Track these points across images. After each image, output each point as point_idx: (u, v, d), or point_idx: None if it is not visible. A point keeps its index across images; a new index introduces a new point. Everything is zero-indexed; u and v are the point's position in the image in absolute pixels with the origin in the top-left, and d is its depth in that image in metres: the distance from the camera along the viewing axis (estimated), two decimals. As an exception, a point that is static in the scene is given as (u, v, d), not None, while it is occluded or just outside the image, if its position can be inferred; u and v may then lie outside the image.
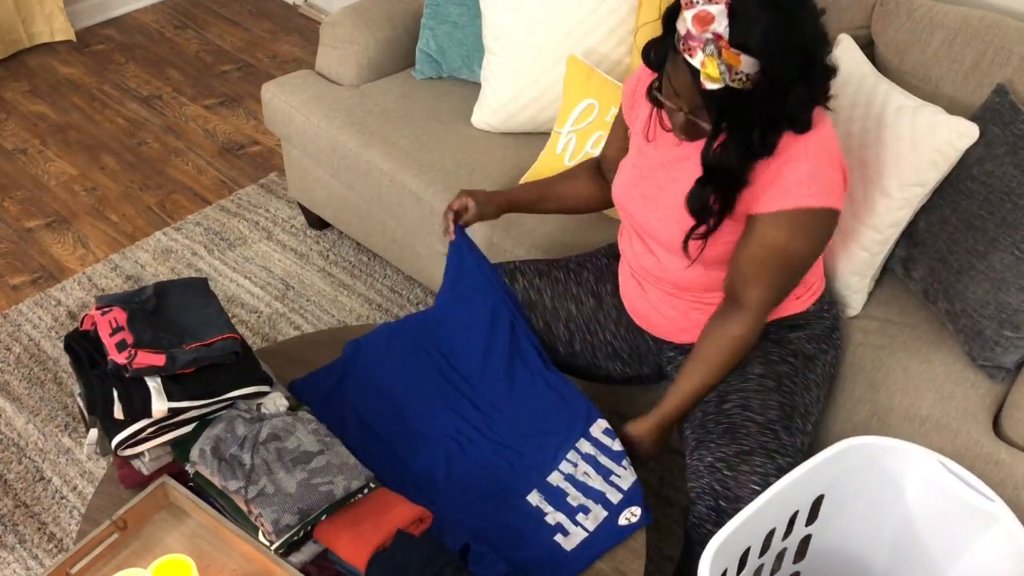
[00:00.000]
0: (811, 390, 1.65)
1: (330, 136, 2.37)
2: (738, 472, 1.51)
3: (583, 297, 1.82)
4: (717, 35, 1.33)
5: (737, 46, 1.33)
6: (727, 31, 1.33)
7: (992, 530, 1.40)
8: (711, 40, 1.33)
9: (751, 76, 1.35)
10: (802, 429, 1.61)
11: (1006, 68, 1.80)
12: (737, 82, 1.36)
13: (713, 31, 1.33)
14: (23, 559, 1.98)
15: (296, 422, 1.51)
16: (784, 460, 1.53)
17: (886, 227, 1.78)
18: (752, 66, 1.35)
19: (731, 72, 1.35)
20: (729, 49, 1.34)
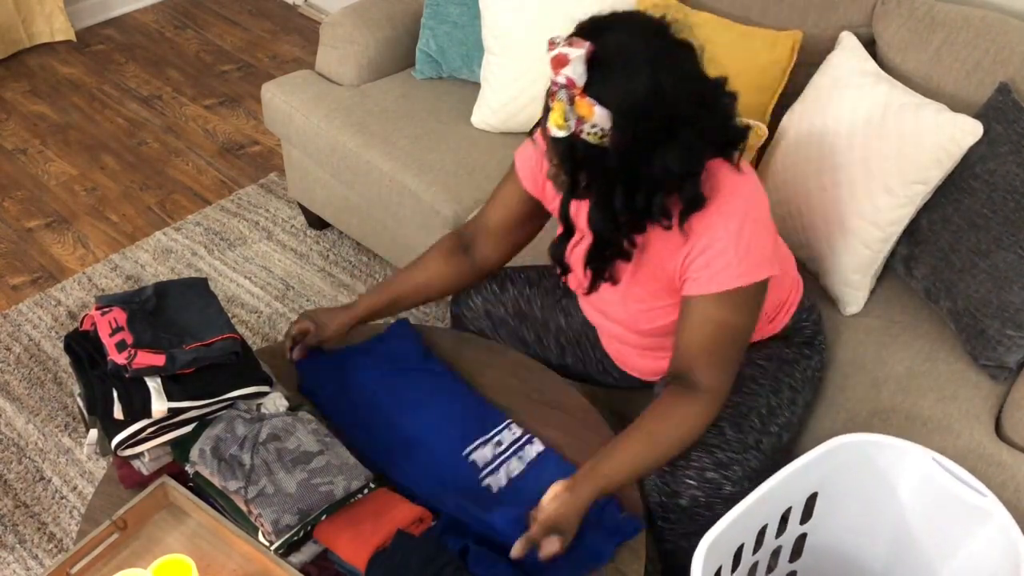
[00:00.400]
0: (782, 392, 1.63)
1: (330, 136, 2.36)
2: (674, 466, 1.50)
3: (572, 310, 1.80)
4: (571, 81, 1.25)
5: (592, 96, 1.25)
6: (582, 78, 1.25)
7: (986, 526, 1.40)
8: (565, 86, 1.26)
9: (606, 131, 1.27)
10: (758, 428, 1.57)
11: (1007, 67, 1.80)
12: (592, 136, 1.27)
13: (567, 75, 1.25)
14: (23, 559, 1.98)
15: (296, 422, 1.50)
16: (725, 455, 1.51)
17: (888, 225, 1.78)
18: (607, 120, 1.26)
19: (582, 124, 1.26)
20: (583, 98, 1.25)
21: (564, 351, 1.82)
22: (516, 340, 1.83)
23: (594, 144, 1.28)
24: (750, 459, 1.54)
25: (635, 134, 1.28)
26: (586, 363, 1.82)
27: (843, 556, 1.62)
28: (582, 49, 1.25)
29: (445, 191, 2.19)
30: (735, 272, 1.41)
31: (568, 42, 1.27)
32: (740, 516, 1.35)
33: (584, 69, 1.25)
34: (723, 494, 1.49)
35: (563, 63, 1.26)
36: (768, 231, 1.46)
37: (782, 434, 1.63)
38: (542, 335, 1.82)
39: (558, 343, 1.82)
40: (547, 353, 1.82)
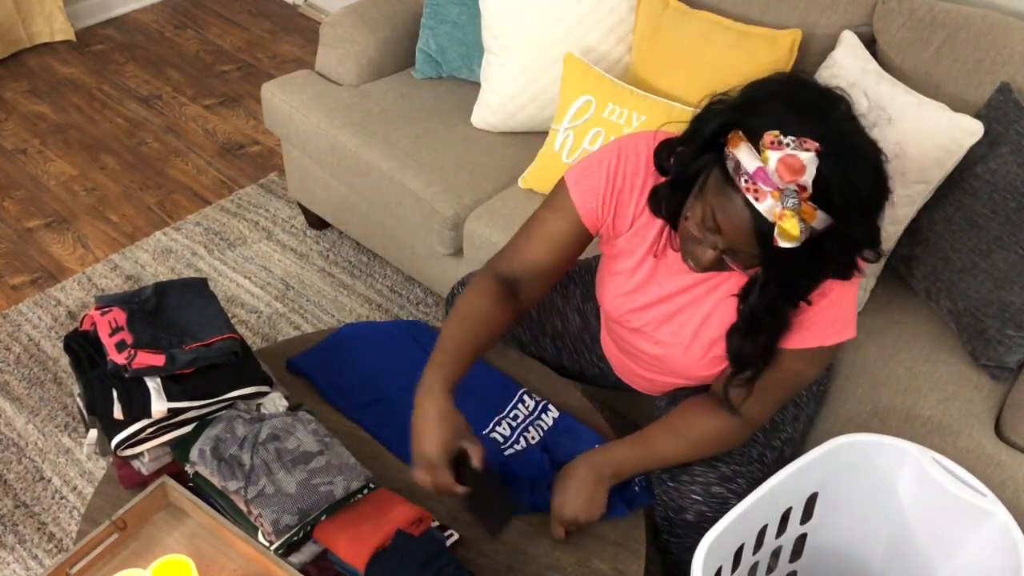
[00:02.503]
0: (786, 408, 1.63)
1: (330, 136, 2.36)
2: (679, 483, 1.50)
3: (569, 314, 1.79)
4: (802, 187, 1.13)
5: (817, 201, 1.14)
6: (811, 183, 1.13)
7: (986, 525, 1.40)
8: (794, 191, 1.13)
9: (817, 231, 1.18)
10: (762, 441, 1.57)
11: (1008, 67, 1.80)
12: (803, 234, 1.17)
13: (800, 183, 1.12)
14: (23, 559, 1.98)
15: (296, 422, 1.50)
16: (730, 469, 1.50)
17: (888, 224, 1.78)
18: (824, 222, 1.17)
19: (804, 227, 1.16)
20: (807, 203, 1.14)
21: (560, 353, 1.82)
22: (512, 340, 1.83)
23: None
24: (754, 471, 1.54)
25: (850, 231, 1.20)
26: (583, 366, 1.82)
27: (844, 556, 1.62)
28: (812, 151, 1.13)
29: (445, 191, 2.19)
30: (828, 331, 1.37)
31: (799, 142, 1.13)
32: (740, 516, 1.35)
33: (816, 172, 1.13)
34: (728, 508, 1.47)
35: (798, 170, 1.12)
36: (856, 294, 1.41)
37: (784, 448, 1.63)
38: (538, 337, 1.81)
39: (554, 345, 1.81)
40: (543, 354, 1.82)
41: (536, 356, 1.82)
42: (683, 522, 1.51)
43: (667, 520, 1.53)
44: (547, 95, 2.26)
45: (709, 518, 1.48)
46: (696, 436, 1.47)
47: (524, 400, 1.67)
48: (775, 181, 1.13)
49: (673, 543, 1.56)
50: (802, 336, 1.38)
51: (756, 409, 1.45)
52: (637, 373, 1.68)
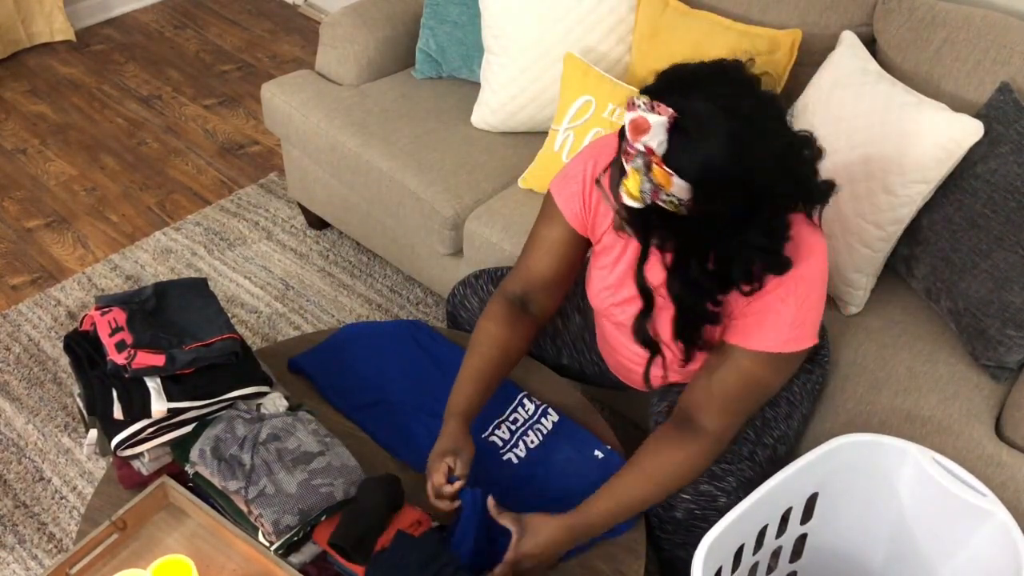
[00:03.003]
0: (779, 406, 1.62)
1: (330, 136, 2.36)
2: None
3: (569, 312, 1.79)
4: (649, 149, 1.16)
5: (671, 166, 1.16)
6: (663, 147, 1.16)
7: (986, 525, 1.40)
8: (643, 153, 1.17)
9: (684, 201, 1.18)
10: (752, 439, 1.56)
11: (1008, 67, 1.80)
12: (668, 204, 1.19)
13: (646, 143, 1.16)
14: (23, 559, 1.98)
15: (296, 422, 1.50)
16: (719, 467, 1.49)
17: (889, 224, 1.78)
18: (686, 192, 1.17)
19: (658, 192, 1.18)
20: (662, 167, 1.16)
21: (560, 353, 1.82)
22: None
23: (671, 212, 1.20)
24: (744, 469, 1.52)
25: (714, 207, 1.20)
26: (583, 364, 1.82)
27: (844, 556, 1.62)
28: (664, 116, 1.16)
29: (445, 191, 2.19)
30: (785, 337, 1.37)
31: (650, 105, 1.17)
32: (740, 516, 1.35)
33: (665, 137, 1.17)
34: (718, 505, 1.48)
35: (643, 130, 1.16)
36: (823, 301, 1.39)
37: (777, 447, 1.62)
38: (539, 337, 1.81)
39: (554, 344, 1.81)
40: (543, 353, 1.82)
41: (536, 356, 1.82)
42: (672, 520, 1.50)
43: (657, 517, 1.52)
44: (547, 95, 2.26)
45: (698, 516, 1.48)
46: (668, 473, 1.43)
47: (524, 404, 1.67)
48: (630, 142, 1.18)
49: (664, 540, 1.56)
50: (752, 336, 1.37)
51: (720, 422, 1.43)
52: (629, 368, 1.69)
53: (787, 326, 1.36)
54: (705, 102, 1.18)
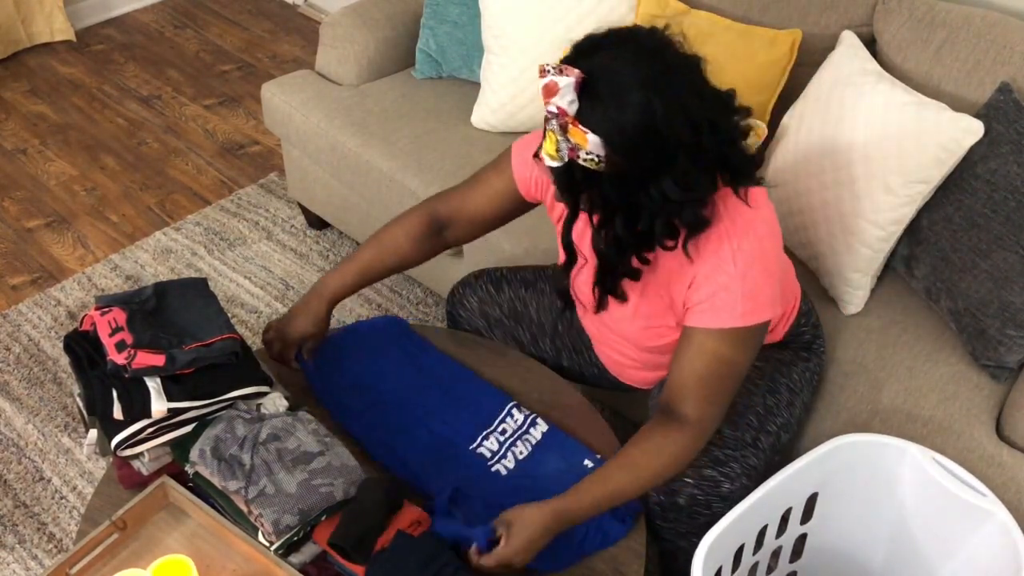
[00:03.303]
0: (779, 393, 1.63)
1: (330, 136, 2.36)
2: None
3: (569, 314, 1.79)
4: (562, 110, 1.23)
5: (585, 125, 1.23)
6: (573, 107, 1.23)
7: (987, 525, 1.40)
8: (556, 114, 1.23)
9: (602, 158, 1.24)
10: (755, 426, 1.57)
11: (1009, 67, 1.80)
12: (588, 162, 1.25)
13: (557, 105, 1.23)
14: (23, 559, 1.98)
15: (296, 422, 1.50)
16: (722, 452, 1.50)
17: (889, 224, 1.78)
18: (600, 148, 1.24)
19: (576, 151, 1.24)
20: (576, 126, 1.23)
21: (560, 354, 1.82)
22: (511, 341, 1.83)
23: (591, 169, 1.27)
24: (748, 456, 1.53)
25: (629, 162, 1.26)
26: (582, 366, 1.82)
27: (844, 556, 1.62)
28: (571, 77, 1.22)
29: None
30: (738, 312, 1.39)
31: (559, 69, 1.23)
32: (740, 516, 1.35)
33: (574, 97, 1.23)
34: (721, 492, 1.49)
35: (553, 92, 1.23)
36: (775, 274, 1.43)
37: (780, 434, 1.63)
38: (538, 337, 1.81)
39: (554, 345, 1.81)
40: (543, 354, 1.82)
41: (536, 356, 1.82)
42: (675, 506, 1.50)
43: (659, 505, 1.52)
44: (547, 95, 2.26)
45: (701, 502, 1.48)
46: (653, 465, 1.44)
47: (513, 413, 1.65)
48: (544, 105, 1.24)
49: (665, 528, 1.55)
50: (705, 315, 1.41)
51: (700, 409, 1.44)
52: (623, 364, 1.69)
53: (739, 300, 1.39)
54: (612, 61, 1.25)
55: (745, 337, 1.42)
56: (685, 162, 1.28)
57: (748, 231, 1.39)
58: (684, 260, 1.40)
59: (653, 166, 1.27)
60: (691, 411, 1.44)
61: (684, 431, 1.44)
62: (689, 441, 1.45)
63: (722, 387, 1.45)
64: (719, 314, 1.40)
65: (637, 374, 1.70)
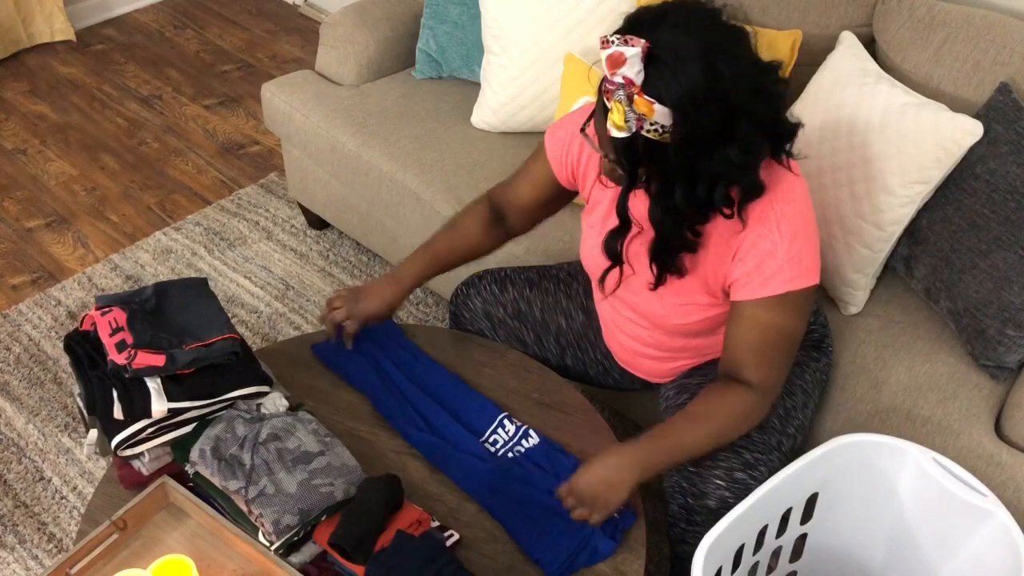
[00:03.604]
0: (795, 395, 1.63)
1: (330, 136, 2.36)
2: (702, 468, 1.50)
3: (573, 312, 1.80)
4: (628, 80, 1.23)
5: (651, 95, 1.23)
6: (640, 77, 1.23)
7: (987, 525, 1.40)
8: (623, 85, 1.24)
9: (667, 128, 1.25)
10: (779, 429, 1.58)
11: (1008, 67, 1.80)
12: (652, 133, 1.25)
13: (624, 75, 1.23)
14: (23, 559, 1.98)
15: (296, 422, 1.50)
16: (752, 456, 1.51)
17: (888, 224, 1.78)
18: (667, 117, 1.24)
19: (642, 122, 1.25)
20: (642, 96, 1.23)
21: (564, 352, 1.82)
22: (515, 341, 1.83)
23: (655, 140, 1.26)
24: (773, 460, 1.54)
25: (695, 129, 1.26)
26: (586, 364, 1.82)
27: (844, 556, 1.62)
28: (638, 47, 1.22)
29: (445, 191, 2.19)
30: (786, 276, 1.40)
31: (623, 40, 1.23)
32: (740, 516, 1.35)
33: (641, 67, 1.23)
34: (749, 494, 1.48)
35: (619, 63, 1.23)
36: (815, 239, 1.44)
37: (796, 436, 1.64)
38: (542, 336, 1.81)
39: (558, 344, 1.81)
40: (546, 354, 1.82)
41: (540, 356, 1.82)
42: (704, 508, 1.50)
43: (685, 508, 1.52)
44: (547, 95, 2.26)
45: (731, 504, 1.48)
46: (719, 417, 1.47)
47: (504, 425, 1.64)
48: (609, 77, 1.24)
49: (689, 532, 1.55)
50: (753, 286, 1.42)
51: (761, 373, 1.46)
52: (638, 352, 1.69)
53: (786, 265, 1.40)
54: (673, 30, 1.25)
55: (796, 302, 1.43)
56: (746, 127, 1.29)
57: (790, 197, 1.40)
58: (729, 233, 1.41)
59: (717, 132, 1.28)
60: (752, 376, 1.46)
61: (750, 391, 1.47)
62: (754, 399, 1.47)
63: (778, 354, 1.47)
64: (768, 282, 1.41)
65: (650, 364, 1.70)
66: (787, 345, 1.48)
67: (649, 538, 1.55)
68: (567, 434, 1.64)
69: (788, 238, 1.39)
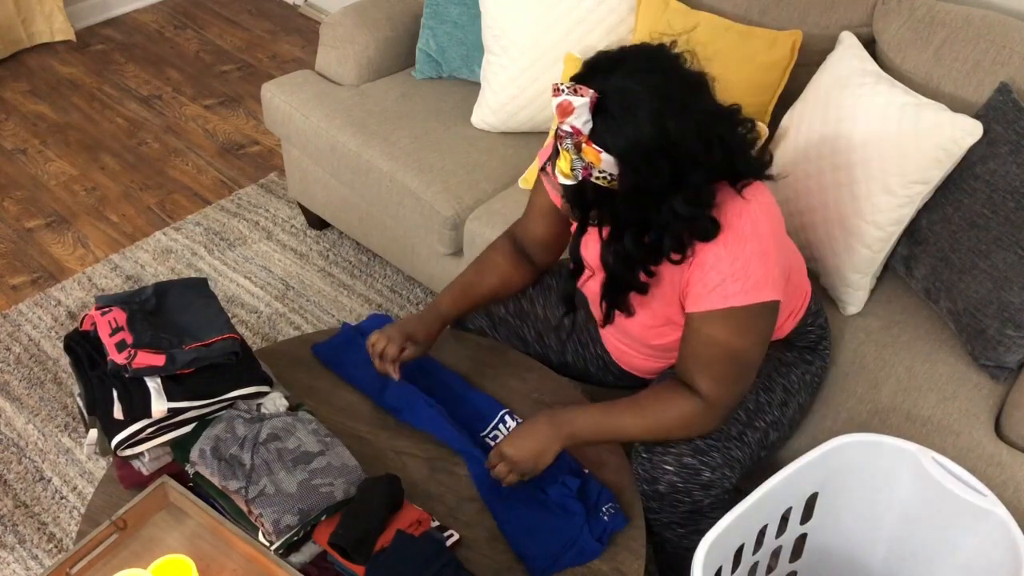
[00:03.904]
0: (774, 391, 1.63)
1: (330, 136, 2.36)
2: (652, 453, 1.52)
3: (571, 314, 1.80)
4: (576, 129, 1.25)
5: (599, 144, 1.25)
6: (588, 127, 1.25)
7: (986, 525, 1.40)
8: (570, 134, 1.26)
9: (615, 176, 1.27)
10: (744, 420, 1.58)
11: (1008, 67, 1.80)
12: (601, 180, 1.28)
13: (571, 124, 1.25)
14: (23, 559, 1.98)
15: (296, 422, 1.51)
16: (704, 442, 1.51)
17: (888, 225, 1.78)
18: (614, 166, 1.26)
19: (589, 170, 1.27)
20: (590, 145, 1.25)
21: (565, 348, 1.82)
22: (516, 339, 1.83)
23: (603, 187, 1.29)
24: (731, 448, 1.54)
25: (642, 179, 1.28)
26: (586, 359, 1.82)
27: (844, 556, 1.62)
28: (586, 97, 1.24)
29: (445, 191, 2.19)
30: (729, 291, 1.39)
31: (572, 89, 1.25)
32: (740, 516, 1.35)
33: (589, 117, 1.25)
34: (701, 480, 1.50)
35: (568, 112, 1.25)
36: (770, 254, 1.41)
37: (769, 431, 1.63)
38: (543, 333, 1.81)
39: (559, 339, 1.81)
40: (547, 351, 1.82)
41: (540, 354, 1.82)
42: (656, 493, 1.52)
43: (644, 495, 1.54)
44: (547, 95, 2.26)
45: (681, 489, 1.50)
46: (661, 414, 1.48)
47: (506, 420, 1.65)
48: (559, 123, 1.26)
49: (652, 520, 1.57)
50: (698, 297, 1.42)
51: (707, 386, 1.45)
52: (627, 353, 1.70)
53: (729, 279, 1.39)
54: (625, 80, 1.26)
55: (742, 318, 1.41)
56: (696, 178, 1.30)
57: (740, 216, 1.39)
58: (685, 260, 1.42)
59: (665, 184, 1.29)
60: (702, 387, 1.46)
61: (696, 400, 1.47)
62: (699, 410, 1.47)
63: (728, 370, 1.46)
64: (711, 295, 1.40)
65: (644, 363, 1.71)
66: (737, 362, 1.46)
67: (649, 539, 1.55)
68: (567, 434, 1.64)
69: (731, 256, 1.38)
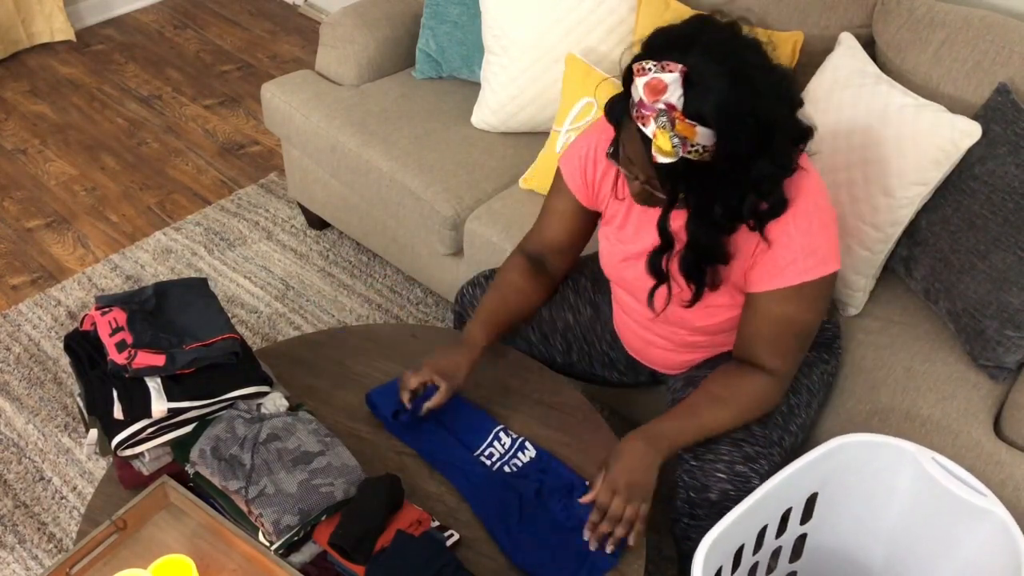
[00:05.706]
0: (800, 393, 1.64)
1: (330, 136, 2.37)
2: (703, 461, 1.51)
3: (580, 307, 1.80)
4: (670, 105, 1.25)
5: (692, 117, 1.26)
6: (681, 101, 1.26)
7: (986, 524, 1.40)
8: (664, 111, 1.26)
9: (708, 148, 1.28)
10: (781, 425, 1.59)
11: (1007, 68, 1.80)
12: (693, 154, 1.28)
13: (666, 101, 1.25)
14: (23, 559, 1.98)
15: (296, 422, 1.51)
16: (753, 449, 1.52)
17: (887, 226, 1.78)
18: (709, 138, 1.27)
19: (685, 144, 1.27)
20: (684, 120, 1.26)
21: (570, 348, 1.82)
22: (520, 340, 1.83)
23: (695, 161, 1.29)
24: (775, 454, 1.55)
25: (735, 145, 1.29)
26: (592, 358, 1.82)
27: (844, 556, 1.62)
28: (676, 72, 1.25)
29: (445, 191, 2.19)
30: (801, 267, 1.43)
31: (660, 66, 1.26)
32: (740, 516, 1.35)
33: (681, 92, 1.26)
34: (751, 487, 1.49)
35: (660, 90, 1.25)
36: (831, 226, 1.46)
37: (799, 434, 1.65)
38: (548, 334, 1.81)
39: (564, 340, 1.81)
40: (552, 352, 1.82)
41: (545, 355, 1.82)
42: (706, 502, 1.51)
43: (688, 502, 1.53)
44: (547, 95, 2.26)
45: (732, 497, 1.49)
46: (740, 399, 1.50)
47: (500, 437, 1.63)
48: (648, 104, 1.26)
49: (693, 527, 1.56)
50: (767, 277, 1.44)
51: (776, 361, 1.49)
52: (651, 343, 1.70)
53: (800, 256, 1.42)
54: (704, 53, 1.27)
55: (812, 292, 1.45)
56: (779, 136, 1.33)
57: (801, 193, 1.42)
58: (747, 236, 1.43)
59: (756, 147, 1.31)
60: (767, 363, 1.50)
61: (766, 375, 1.50)
62: (771, 384, 1.50)
63: (793, 342, 1.50)
64: (783, 272, 1.43)
65: (662, 354, 1.71)
66: (802, 335, 1.50)
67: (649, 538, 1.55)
68: (567, 434, 1.64)
69: (800, 231, 1.42)
